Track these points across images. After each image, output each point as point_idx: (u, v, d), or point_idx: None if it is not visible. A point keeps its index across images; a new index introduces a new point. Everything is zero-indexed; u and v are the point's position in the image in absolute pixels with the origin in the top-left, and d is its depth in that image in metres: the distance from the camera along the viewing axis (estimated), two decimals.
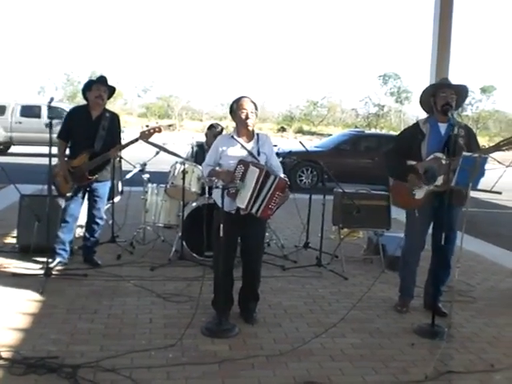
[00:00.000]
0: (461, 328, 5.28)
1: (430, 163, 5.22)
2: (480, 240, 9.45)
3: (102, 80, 6.32)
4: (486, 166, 4.92)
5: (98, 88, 6.23)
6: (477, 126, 56.46)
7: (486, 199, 13.96)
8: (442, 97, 5.28)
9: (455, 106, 5.33)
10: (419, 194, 5.35)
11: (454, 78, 5.56)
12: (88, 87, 6.28)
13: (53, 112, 6.26)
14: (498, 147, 4.80)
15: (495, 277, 7.27)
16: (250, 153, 4.96)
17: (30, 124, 21.34)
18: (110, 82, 6.32)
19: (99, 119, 6.27)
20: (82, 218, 6.70)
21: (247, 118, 4.93)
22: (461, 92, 5.41)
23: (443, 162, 5.10)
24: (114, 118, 6.45)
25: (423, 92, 5.54)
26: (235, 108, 4.98)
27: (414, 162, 5.32)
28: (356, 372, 4.26)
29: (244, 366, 4.23)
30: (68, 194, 6.28)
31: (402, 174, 5.42)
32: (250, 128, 5.00)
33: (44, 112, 22.24)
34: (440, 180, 5.18)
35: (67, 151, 6.40)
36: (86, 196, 6.46)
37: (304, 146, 7.85)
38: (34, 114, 22.06)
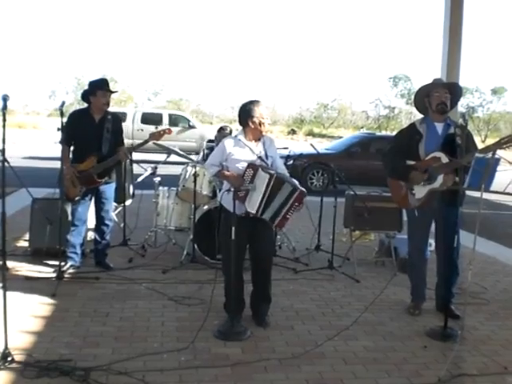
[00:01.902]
0: (474, 330, 5.26)
1: (429, 163, 5.20)
2: (491, 242, 9.39)
3: (107, 86, 6.28)
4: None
5: (105, 95, 6.21)
6: (488, 127, 56.23)
7: (497, 201, 13.90)
8: (436, 96, 5.29)
9: (450, 104, 5.33)
10: (419, 193, 5.33)
11: (465, 80, 5.56)
12: (92, 92, 6.24)
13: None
14: (498, 145, 4.77)
15: (507, 279, 7.23)
16: (259, 156, 4.95)
17: (150, 131, 21.18)
18: (120, 86, 6.36)
19: (103, 122, 6.27)
20: (93, 221, 6.70)
21: (264, 126, 4.95)
22: (454, 90, 5.42)
23: (442, 161, 5.09)
24: (116, 120, 6.46)
25: (417, 93, 5.55)
26: (255, 114, 4.91)
27: (412, 162, 5.31)
28: (369, 375, 4.24)
29: (256, 368, 4.22)
30: (76, 199, 6.30)
31: (403, 173, 5.40)
32: (265, 134, 5.03)
33: (165, 119, 22.77)
34: (439, 180, 5.16)
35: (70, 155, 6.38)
36: (93, 199, 6.47)
37: (315, 149, 7.86)
38: (155, 121, 22.34)
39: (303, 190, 4.90)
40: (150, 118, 22.76)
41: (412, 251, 5.69)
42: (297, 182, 4.96)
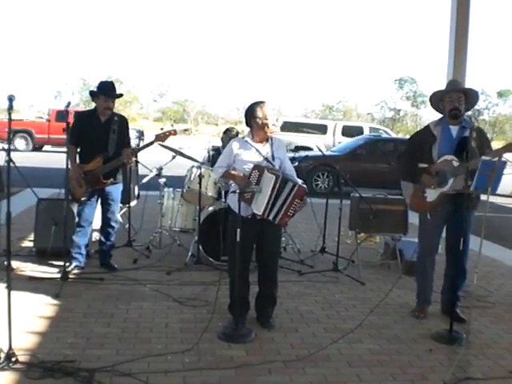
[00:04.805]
0: (479, 334, 5.23)
1: (440, 166, 5.18)
2: (497, 245, 9.36)
3: (110, 91, 6.29)
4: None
5: (106, 100, 6.23)
6: (493, 130, 56.10)
7: (502, 204, 13.87)
8: (449, 101, 5.26)
9: (464, 108, 5.30)
10: (431, 196, 5.31)
11: (471, 82, 5.55)
12: (96, 94, 6.28)
13: None
14: (509, 148, 4.76)
15: None
16: (265, 158, 4.93)
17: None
18: (126, 87, 6.33)
19: (109, 123, 6.28)
20: (98, 222, 6.70)
21: (271, 126, 4.93)
22: (469, 94, 5.37)
23: (454, 164, 5.06)
24: (123, 121, 6.47)
25: (431, 97, 5.51)
26: (257, 114, 4.91)
27: (425, 165, 5.28)
28: (374, 378, 4.22)
29: (261, 371, 4.21)
30: (82, 199, 6.30)
31: (415, 176, 5.38)
32: (270, 135, 5.00)
33: (366, 132, 22.61)
34: (450, 183, 5.14)
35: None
36: (99, 200, 6.47)
37: (320, 150, 7.85)
38: (355, 135, 21.79)
39: (303, 185, 4.89)
40: (349, 131, 22.73)
41: (422, 255, 5.65)
42: (300, 181, 4.95)
